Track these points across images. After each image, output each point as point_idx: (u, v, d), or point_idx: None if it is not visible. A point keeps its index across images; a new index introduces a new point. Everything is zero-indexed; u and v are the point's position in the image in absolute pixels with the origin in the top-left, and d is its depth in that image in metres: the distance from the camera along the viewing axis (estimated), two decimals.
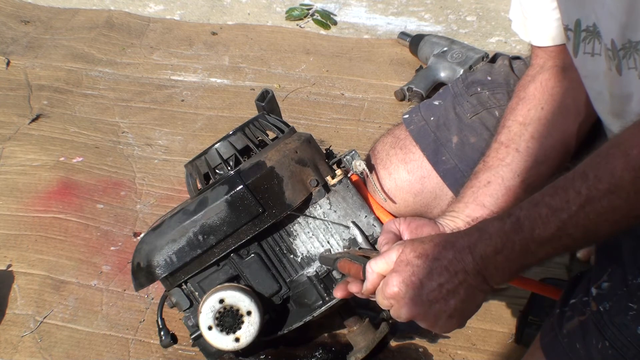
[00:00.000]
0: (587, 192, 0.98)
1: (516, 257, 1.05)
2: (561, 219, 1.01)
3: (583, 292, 1.19)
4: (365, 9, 2.98)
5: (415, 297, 1.09)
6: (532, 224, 1.03)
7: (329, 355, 1.62)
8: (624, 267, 1.14)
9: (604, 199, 0.97)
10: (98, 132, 2.28)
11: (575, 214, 1.00)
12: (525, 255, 1.05)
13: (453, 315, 1.10)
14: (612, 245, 1.18)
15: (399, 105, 2.43)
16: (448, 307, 1.09)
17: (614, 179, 0.96)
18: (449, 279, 1.08)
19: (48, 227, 1.92)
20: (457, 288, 1.08)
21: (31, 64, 2.56)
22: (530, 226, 1.03)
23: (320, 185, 1.37)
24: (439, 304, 1.09)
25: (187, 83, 2.54)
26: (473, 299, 1.10)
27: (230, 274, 1.40)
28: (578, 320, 1.17)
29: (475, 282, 1.08)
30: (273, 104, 1.48)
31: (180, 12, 2.95)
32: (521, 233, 1.04)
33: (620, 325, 1.11)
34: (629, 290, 1.12)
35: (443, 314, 1.10)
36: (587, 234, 1.01)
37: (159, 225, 1.39)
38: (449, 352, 1.65)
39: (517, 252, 1.04)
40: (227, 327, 1.37)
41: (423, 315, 1.10)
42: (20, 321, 1.69)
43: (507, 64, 1.54)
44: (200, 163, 1.41)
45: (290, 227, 1.40)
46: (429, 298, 1.09)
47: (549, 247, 1.04)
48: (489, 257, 1.06)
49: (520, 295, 1.74)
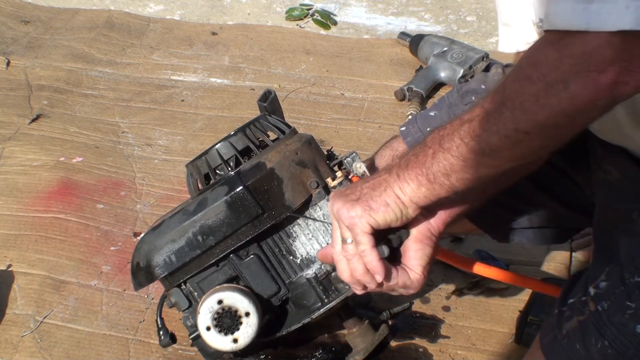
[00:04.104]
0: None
1: (424, 157, 1.09)
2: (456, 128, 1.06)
3: (581, 291, 1.19)
4: (365, 9, 2.98)
5: (340, 193, 1.17)
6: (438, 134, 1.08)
7: (329, 355, 1.62)
8: (621, 266, 1.14)
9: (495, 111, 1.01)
10: (98, 132, 2.28)
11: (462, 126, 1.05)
12: (433, 157, 1.08)
13: (362, 201, 1.13)
14: (610, 245, 1.19)
15: (399, 105, 2.43)
16: (357, 193, 1.14)
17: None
18: (378, 174, 1.15)
19: (48, 227, 1.92)
20: (368, 180, 1.15)
21: (31, 64, 2.56)
22: (435, 137, 1.08)
23: (321, 187, 1.37)
24: (351, 190, 1.15)
25: (187, 83, 2.54)
26: (382, 191, 1.13)
27: (230, 275, 1.40)
28: (577, 321, 1.17)
29: (388, 179, 1.12)
30: (275, 104, 1.48)
31: (180, 12, 2.95)
32: (430, 138, 1.09)
33: (619, 325, 1.12)
34: (626, 289, 1.12)
35: (352, 196, 1.14)
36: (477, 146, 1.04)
37: (159, 225, 1.40)
38: (449, 352, 1.65)
39: (425, 154, 1.08)
40: (226, 328, 1.37)
41: (338, 198, 1.16)
42: (20, 321, 1.69)
43: (500, 72, 1.54)
44: (201, 163, 1.41)
45: (290, 228, 1.40)
46: (346, 191, 1.16)
47: (446, 156, 1.06)
48: (403, 156, 1.12)
49: (520, 295, 1.75)
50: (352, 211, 1.13)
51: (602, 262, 1.20)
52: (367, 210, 1.12)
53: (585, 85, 0.92)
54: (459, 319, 1.73)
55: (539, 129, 0.98)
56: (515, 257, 1.86)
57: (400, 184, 1.11)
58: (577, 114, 0.96)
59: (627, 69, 0.90)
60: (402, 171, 1.11)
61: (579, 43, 0.91)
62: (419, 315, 1.72)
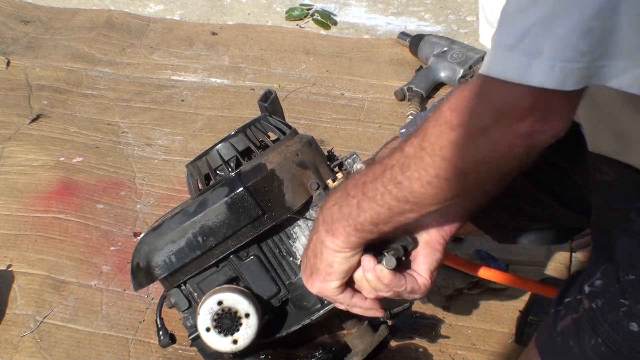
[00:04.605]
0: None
1: (349, 209, 1.11)
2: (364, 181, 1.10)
3: (577, 290, 1.20)
4: (365, 9, 2.98)
5: (303, 253, 1.22)
6: (360, 181, 1.11)
7: (329, 356, 1.62)
8: (617, 264, 1.15)
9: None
10: (98, 132, 2.28)
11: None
12: (357, 207, 1.10)
13: (315, 271, 1.18)
14: (608, 244, 1.19)
15: (399, 105, 2.43)
16: (309, 262, 1.19)
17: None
18: (312, 236, 1.18)
19: (48, 227, 1.92)
20: (310, 243, 1.18)
21: (31, 64, 2.56)
22: (358, 184, 1.11)
23: (321, 188, 1.37)
24: (307, 259, 1.19)
25: (187, 83, 2.54)
26: (321, 253, 1.16)
27: (230, 276, 1.40)
28: (571, 319, 1.18)
29: (320, 236, 1.15)
30: (276, 104, 1.48)
31: (180, 12, 2.95)
32: (352, 186, 1.11)
33: (613, 322, 1.12)
34: (621, 287, 1.13)
35: (308, 268, 1.19)
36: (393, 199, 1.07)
37: (159, 226, 1.40)
38: (449, 352, 1.65)
39: (349, 204, 1.11)
40: (225, 329, 1.37)
41: (303, 270, 1.21)
42: (20, 321, 1.69)
43: None
44: (202, 164, 1.42)
45: (290, 229, 1.40)
46: (305, 256, 1.20)
47: (372, 206, 1.08)
48: (329, 207, 1.14)
49: (520, 295, 1.75)
50: (314, 287, 1.19)
51: (598, 261, 1.20)
52: (324, 280, 1.18)
53: (504, 133, 0.95)
54: (459, 319, 1.73)
55: (459, 175, 1.00)
56: (515, 257, 1.86)
57: (331, 239, 1.14)
58: (496, 161, 0.98)
59: (545, 119, 0.94)
60: (329, 226, 1.14)
61: (502, 92, 0.94)
62: (419, 315, 1.72)
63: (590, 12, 0.89)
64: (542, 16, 0.91)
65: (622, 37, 0.90)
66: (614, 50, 0.91)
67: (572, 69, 0.90)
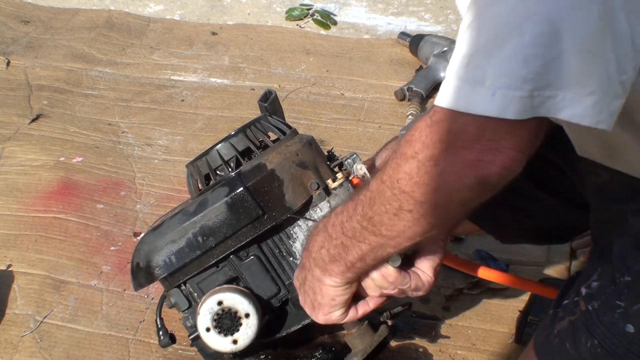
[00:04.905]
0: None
1: (337, 250, 1.15)
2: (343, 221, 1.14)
3: (575, 292, 1.20)
4: (365, 9, 2.98)
5: (299, 287, 1.27)
6: (338, 221, 1.15)
7: (329, 356, 1.62)
8: (613, 266, 1.15)
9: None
10: (98, 132, 2.28)
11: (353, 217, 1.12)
12: (343, 247, 1.14)
13: (317, 306, 1.24)
14: (605, 245, 1.19)
15: (399, 105, 2.43)
16: (309, 298, 1.24)
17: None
18: (300, 274, 1.25)
19: (48, 227, 1.92)
20: (305, 281, 1.24)
21: (31, 64, 2.56)
22: (336, 224, 1.15)
23: (321, 189, 1.37)
24: (306, 295, 1.25)
25: (187, 83, 2.54)
26: (320, 290, 1.21)
27: (230, 276, 1.40)
28: (568, 321, 1.18)
29: (315, 275, 1.20)
30: (276, 104, 1.48)
31: (180, 12, 2.95)
32: (332, 228, 1.15)
33: (609, 324, 1.13)
34: (616, 289, 1.13)
35: (310, 303, 1.25)
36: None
37: (159, 226, 1.40)
38: (449, 352, 1.65)
39: (336, 246, 1.15)
40: (225, 329, 1.37)
41: (304, 304, 1.27)
42: (20, 321, 1.69)
43: None
44: (201, 164, 1.41)
45: (290, 229, 1.40)
46: (302, 289, 1.26)
47: (354, 243, 1.12)
48: (317, 251, 1.18)
49: (520, 295, 1.75)
50: (319, 319, 1.26)
51: (595, 262, 1.21)
52: (328, 312, 1.24)
53: (453, 162, 0.95)
54: (459, 319, 1.73)
55: (420, 207, 1.01)
56: (515, 257, 1.86)
57: (329, 278, 1.19)
58: (450, 193, 0.98)
59: (492, 148, 0.93)
60: (323, 268, 1.19)
61: (450, 121, 0.93)
62: (419, 315, 1.72)
63: (530, 38, 0.87)
64: (484, 43, 0.90)
65: (569, 66, 0.87)
66: (560, 80, 0.88)
67: (513, 96, 0.88)
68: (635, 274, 1.13)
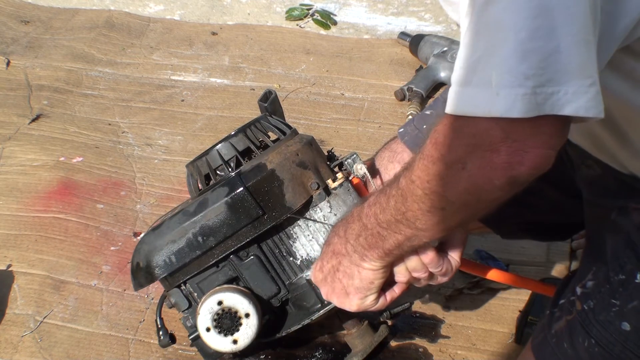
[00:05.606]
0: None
1: (374, 239, 1.17)
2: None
3: (570, 291, 1.20)
4: (365, 9, 2.98)
5: (322, 279, 1.28)
6: (372, 212, 1.16)
7: (329, 356, 1.62)
8: (607, 265, 1.15)
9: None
10: (98, 132, 2.28)
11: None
12: (379, 236, 1.16)
13: (353, 291, 1.25)
14: (598, 243, 1.19)
15: (399, 105, 2.43)
16: (341, 285, 1.25)
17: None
18: (328, 263, 1.26)
19: (48, 227, 1.92)
20: (339, 267, 1.24)
21: (31, 64, 2.56)
22: (370, 215, 1.17)
23: (321, 188, 1.37)
24: (335, 282, 1.26)
25: (187, 83, 2.54)
26: (359, 274, 1.23)
27: (230, 276, 1.40)
28: (565, 320, 1.19)
29: (353, 260, 1.22)
30: (276, 104, 1.48)
31: (180, 12, 2.95)
32: (366, 219, 1.17)
33: (605, 323, 1.13)
34: (611, 287, 1.14)
35: (342, 290, 1.26)
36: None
37: (159, 226, 1.39)
38: (449, 352, 1.65)
39: (372, 235, 1.17)
40: (225, 329, 1.37)
41: (332, 293, 1.28)
42: (20, 321, 1.69)
43: None
44: (202, 164, 1.41)
45: (290, 229, 1.40)
46: (328, 279, 1.27)
47: (393, 229, 1.13)
48: (355, 239, 1.20)
49: (520, 295, 1.75)
50: (354, 305, 1.27)
51: (590, 261, 1.21)
52: (364, 296, 1.26)
53: (481, 165, 0.96)
54: (459, 319, 1.73)
55: (451, 205, 1.03)
56: (515, 257, 1.86)
57: (369, 262, 1.21)
58: (480, 193, 0.99)
59: (519, 150, 0.93)
60: (362, 254, 1.21)
61: (471, 124, 0.94)
62: (419, 315, 1.72)
63: (526, 34, 0.87)
64: (486, 45, 0.91)
65: (568, 58, 0.88)
66: (561, 75, 0.88)
67: (516, 94, 0.88)
68: (629, 272, 1.13)
